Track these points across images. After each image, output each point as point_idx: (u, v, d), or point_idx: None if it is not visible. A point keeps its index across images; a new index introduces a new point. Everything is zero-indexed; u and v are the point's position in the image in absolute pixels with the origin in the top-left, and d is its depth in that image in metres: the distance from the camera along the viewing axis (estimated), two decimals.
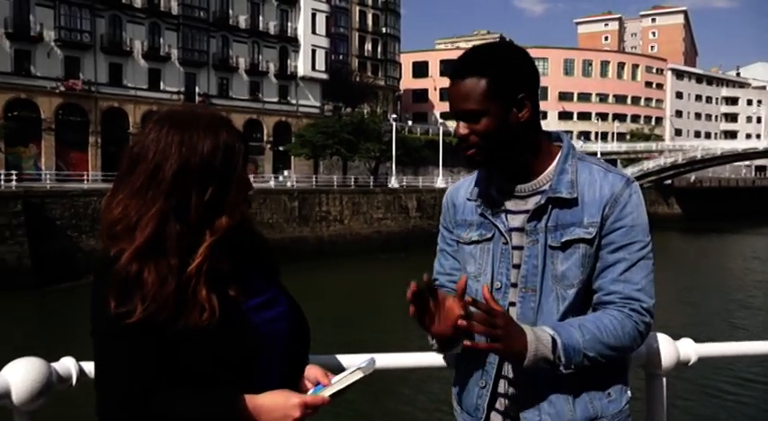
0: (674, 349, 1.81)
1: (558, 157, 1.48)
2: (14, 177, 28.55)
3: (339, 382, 1.30)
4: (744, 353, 2.11)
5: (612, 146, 69.51)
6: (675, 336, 1.89)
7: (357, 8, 64.37)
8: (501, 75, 1.39)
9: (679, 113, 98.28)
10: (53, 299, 19.54)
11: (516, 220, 1.47)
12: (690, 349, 1.85)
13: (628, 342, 1.39)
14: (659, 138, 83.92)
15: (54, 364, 1.44)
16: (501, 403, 1.49)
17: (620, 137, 79.99)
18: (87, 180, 34.50)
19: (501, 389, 1.48)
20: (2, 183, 28.15)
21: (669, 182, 66.84)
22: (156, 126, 1.25)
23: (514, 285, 1.46)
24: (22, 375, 1.36)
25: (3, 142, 36.05)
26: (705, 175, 76.08)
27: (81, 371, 1.47)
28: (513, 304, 1.47)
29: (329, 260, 31.82)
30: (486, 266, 1.50)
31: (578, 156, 1.49)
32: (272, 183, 38.71)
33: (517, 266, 1.46)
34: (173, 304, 1.18)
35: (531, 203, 1.46)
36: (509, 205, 1.49)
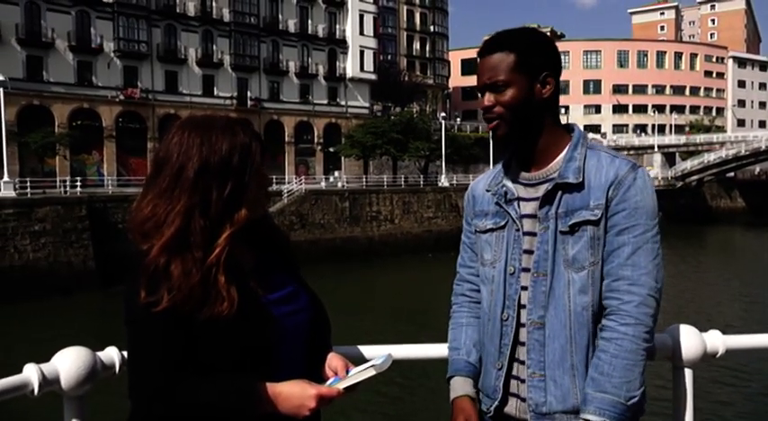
0: (700, 341, 1.79)
1: (567, 146, 1.54)
2: (79, 183, 29.85)
3: (354, 376, 1.37)
4: None
5: (670, 138, 67.30)
6: (724, 332, 1.87)
7: (405, 7, 64.39)
8: (528, 50, 1.49)
9: (742, 103, 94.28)
10: (113, 298, 20.34)
11: (528, 207, 1.54)
12: (717, 341, 1.82)
13: (644, 350, 1.43)
14: (720, 129, 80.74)
15: (99, 353, 1.55)
16: (515, 385, 1.54)
17: (679, 129, 77.34)
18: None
19: (514, 371, 1.54)
20: (68, 189, 29.48)
21: (732, 174, 64.23)
22: (178, 131, 1.36)
23: (526, 270, 1.52)
24: (69, 363, 1.48)
25: (68, 150, 37.74)
26: None
27: (123, 360, 1.57)
28: (525, 288, 1.52)
29: (380, 259, 31.99)
30: (501, 253, 1.57)
31: (588, 145, 1.54)
32: (323, 184, 39.17)
33: (528, 252, 1.52)
34: (198, 295, 1.27)
35: (541, 190, 1.52)
36: (522, 193, 1.56)
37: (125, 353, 1.58)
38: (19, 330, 17.72)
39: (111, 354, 1.57)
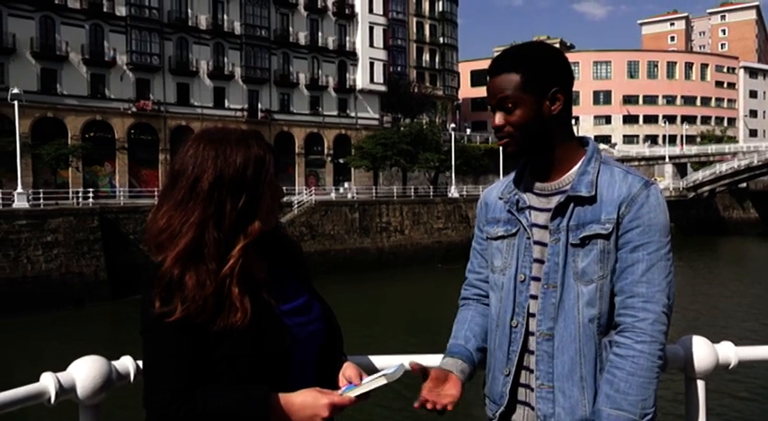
0: (712, 352, 1.78)
1: (581, 160, 1.54)
2: (91, 195, 30.10)
3: (365, 385, 1.38)
4: None
5: (682, 149, 67.02)
6: (736, 343, 1.86)
7: (414, 19, 64.72)
8: (534, 70, 1.49)
9: (753, 113, 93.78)
10: (124, 308, 20.48)
11: (540, 218, 1.55)
12: (730, 352, 1.81)
13: (658, 367, 1.43)
14: (732, 139, 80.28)
15: (114, 362, 1.57)
16: (523, 393, 1.55)
17: (690, 139, 77.02)
18: (158, 196, 35.85)
19: (523, 379, 1.54)
20: (80, 200, 29.74)
21: (744, 185, 63.78)
22: (193, 144, 1.38)
23: (536, 279, 1.53)
24: (85, 372, 1.49)
25: (81, 162, 38.12)
26: None
27: (138, 369, 1.59)
28: (534, 297, 1.52)
29: (390, 270, 31.98)
30: (512, 260, 1.57)
31: (602, 160, 1.55)
32: (332, 195, 39.27)
33: (539, 261, 1.53)
34: (212, 306, 1.29)
35: (553, 202, 1.53)
36: (534, 203, 1.57)
37: (140, 363, 1.60)
38: (32, 341, 17.84)
39: (126, 363, 1.59)
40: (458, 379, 1.55)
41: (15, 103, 27.80)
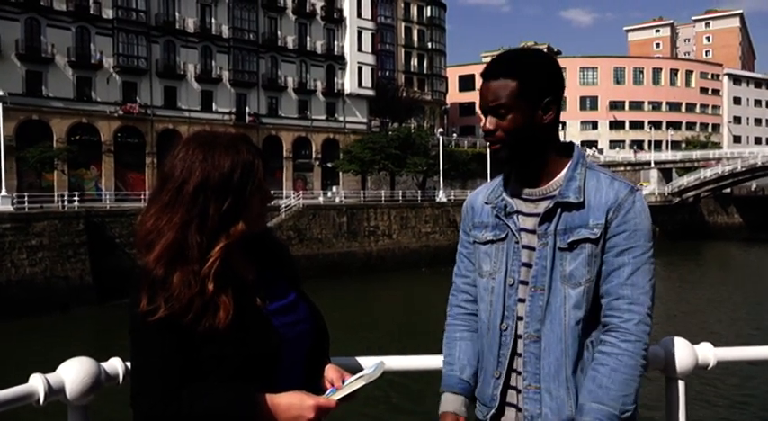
0: (692, 353, 1.82)
1: (568, 165, 1.57)
2: (77, 198, 29.82)
3: (347, 387, 1.41)
4: (764, 357, 2.09)
5: (667, 154, 67.60)
6: (716, 345, 1.90)
7: (403, 24, 64.88)
8: (530, 78, 1.50)
9: (737, 119, 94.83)
10: (111, 312, 20.31)
11: (527, 222, 1.57)
12: (708, 353, 1.86)
13: (641, 366, 1.47)
14: (716, 145, 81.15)
15: (103, 364, 1.58)
16: (512, 395, 1.58)
17: (675, 145, 77.74)
18: (144, 199, 35.66)
19: (512, 382, 1.57)
20: (66, 203, 29.47)
21: (728, 190, 64.45)
22: (183, 147, 1.40)
23: (524, 283, 1.55)
24: (74, 373, 1.50)
25: (66, 165, 37.78)
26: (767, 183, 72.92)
27: (127, 370, 1.61)
28: (521, 300, 1.55)
29: (378, 274, 31.98)
30: (501, 265, 1.59)
31: (588, 165, 1.58)
32: (321, 200, 39.20)
33: (526, 265, 1.56)
34: (198, 306, 1.30)
35: (541, 207, 1.55)
36: (521, 208, 1.59)
37: (128, 364, 1.61)
38: (17, 346, 17.64)
39: (115, 364, 1.60)
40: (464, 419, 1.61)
41: (0, 105, 27.54)
